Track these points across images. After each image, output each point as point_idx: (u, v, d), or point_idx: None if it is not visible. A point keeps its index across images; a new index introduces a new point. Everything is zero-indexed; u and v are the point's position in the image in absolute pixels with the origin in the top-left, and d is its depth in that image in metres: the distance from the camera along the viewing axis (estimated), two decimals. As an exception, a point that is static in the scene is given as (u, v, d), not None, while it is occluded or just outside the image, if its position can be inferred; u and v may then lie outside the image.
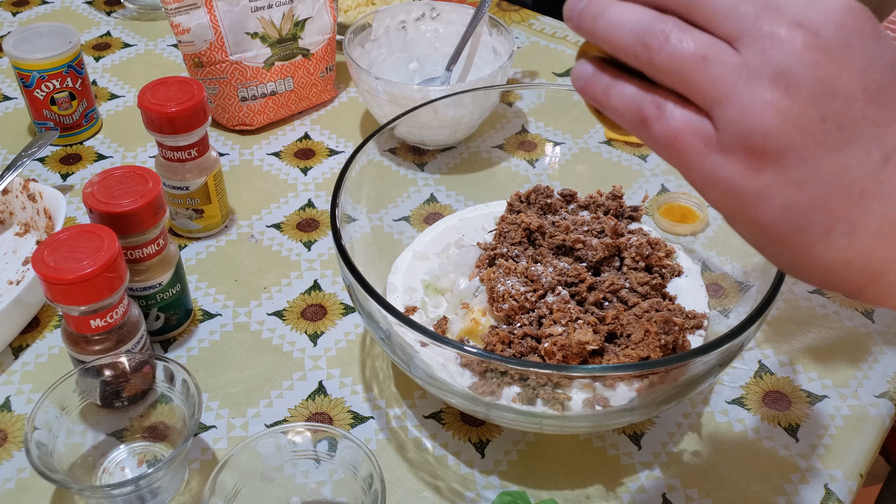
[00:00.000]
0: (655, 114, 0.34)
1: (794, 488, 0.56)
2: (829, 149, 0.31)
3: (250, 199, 0.80)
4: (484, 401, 0.52)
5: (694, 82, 0.33)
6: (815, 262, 0.33)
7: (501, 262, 0.60)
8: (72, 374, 0.55)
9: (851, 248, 0.32)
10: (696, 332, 0.59)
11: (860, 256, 0.33)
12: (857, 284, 0.34)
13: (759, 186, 0.32)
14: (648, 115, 0.34)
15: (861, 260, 0.33)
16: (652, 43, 0.33)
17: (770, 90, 0.31)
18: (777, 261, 0.35)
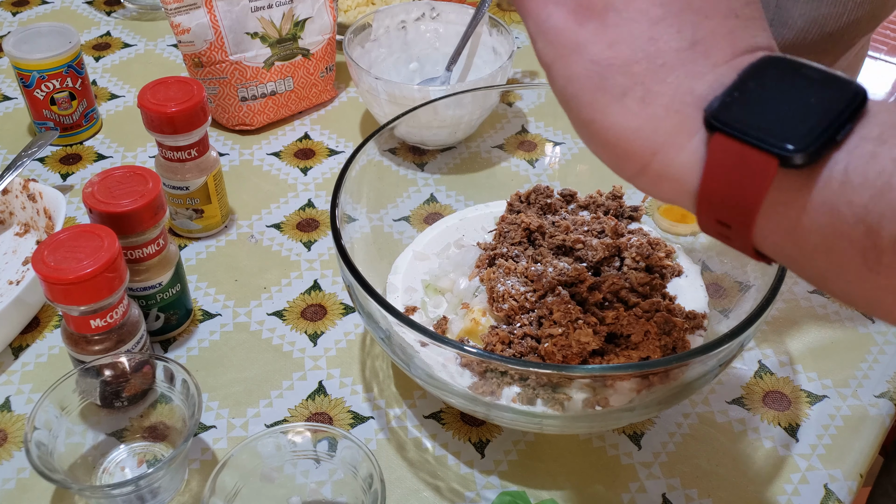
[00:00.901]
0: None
1: (794, 488, 0.56)
2: (644, 18, 0.34)
3: (250, 199, 0.80)
4: (484, 401, 0.52)
5: None
6: (608, 124, 0.35)
7: (501, 262, 0.60)
8: (72, 374, 0.55)
9: (642, 114, 0.34)
10: (696, 332, 0.59)
11: (648, 126, 0.34)
12: (639, 160, 0.35)
13: (578, 39, 0.35)
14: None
15: (647, 130, 0.34)
16: None
17: None
18: (576, 119, 0.36)
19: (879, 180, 0.29)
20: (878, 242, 0.29)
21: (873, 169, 0.29)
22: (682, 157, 0.34)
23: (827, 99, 0.31)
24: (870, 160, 0.29)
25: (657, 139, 0.34)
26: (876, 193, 0.29)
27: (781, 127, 0.31)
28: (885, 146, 0.29)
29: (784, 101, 0.32)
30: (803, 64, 0.33)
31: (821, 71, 0.32)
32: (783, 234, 0.32)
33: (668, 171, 0.35)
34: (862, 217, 0.29)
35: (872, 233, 0.29)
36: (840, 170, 0.30)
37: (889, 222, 0.29)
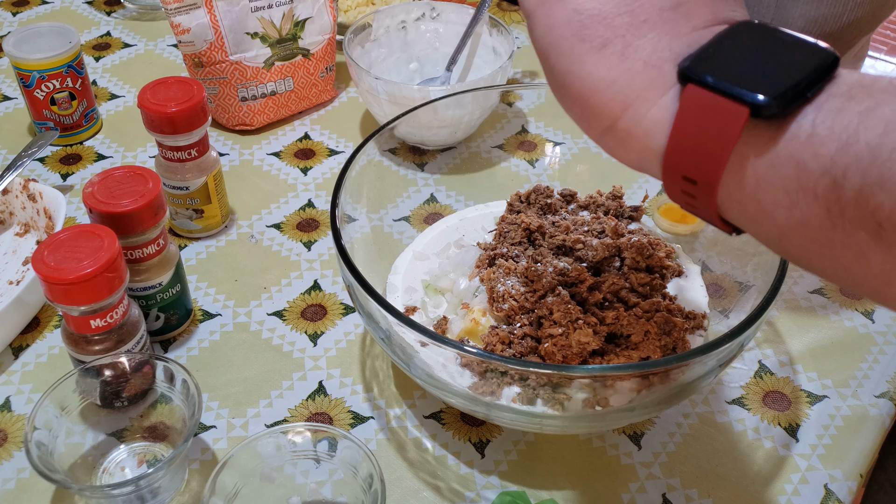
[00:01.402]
0: None
1: (794, 488, 0.56)
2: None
3: (250, 199, 0.80)
4: (484, 401, 0.52)
5: None
6: (584, 74, 0.35)
7: (501, 262, 0.60)
8: (72, 374, 0.55)
9: (619, 67, 0.34)
10: (696, 332, 0.59)
11: (623, 78, 0.34)
12: (609, 114, 0.35)
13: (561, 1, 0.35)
14: None
15: (622, 84, 0.35)
16: None
17: None
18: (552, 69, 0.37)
19: (845, 133, 0.30)
20: (842, 195, 0.30)
21: (840, 122, 0.30)
22: (652, 113, 0.34)
23: (799, 58, 0.32)
24: (837, 114, 0.30)
25: (630, 93, 0.35)
26: (842, 146, 0.29)
27: (754, 80, 0.32)
28: (852, 101, 0.30)
29: (757, 58, 0.33)
30: (777, 29, 0.34)
31: (794, 35, 0.33)
32: (748, 190, 0.32)
33: (637, 128, 0.35)
34: (827, 169, 0.30)
35: (837, 185, 0.30)
36: (808, 123, 0.31)
37: (853, 173, 0.29)
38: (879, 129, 0.29)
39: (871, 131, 0.29)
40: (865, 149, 0.29)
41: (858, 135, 0.29)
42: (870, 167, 0.29)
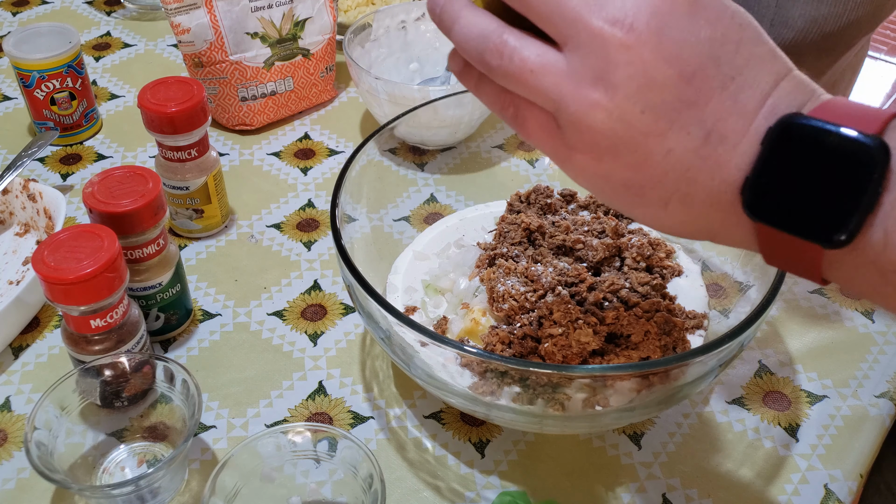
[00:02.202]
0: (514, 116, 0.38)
1: (794, 488, 0.56)
2: (652, 137, 0.34)
3: (250, 199, 0.80)
4: (484, 401, 0.52)
5: (531, 92, 0.36)
6: (662, 224, 0.38)
7: (501, 262, 0.60)
8: (72, 374, 0.55)
9: (689, 214, 0.36)
10: (696, 332, 0.59)
11: (698, 221, 0.37)
12: (704, 236, 0.38)
13: (602, 171, 0.36)
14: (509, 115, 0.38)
15: (699, 224, 0.37)
16: (490, 61, 0.36)
17: (593, 93, 0.34)
18: (635, 219, 0.39)
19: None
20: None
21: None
22: (739, 234, 0.36)
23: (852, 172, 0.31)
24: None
25: (711, 228, 0.37)
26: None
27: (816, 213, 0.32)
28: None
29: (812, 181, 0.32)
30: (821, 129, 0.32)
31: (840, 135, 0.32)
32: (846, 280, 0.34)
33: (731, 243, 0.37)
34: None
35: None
36: (879, 236, 0.31)
37: None
38: None
39: None
40: None
41: None
42: None
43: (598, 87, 0.34)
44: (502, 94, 0.38)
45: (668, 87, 0.34)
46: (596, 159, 0.36)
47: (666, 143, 0.34)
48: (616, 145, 0.35)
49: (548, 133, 0.37)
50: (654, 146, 0.35)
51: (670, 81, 0.33)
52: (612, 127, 0.35)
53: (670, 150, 0.34)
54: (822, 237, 0.32)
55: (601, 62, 0.34)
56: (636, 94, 0.34)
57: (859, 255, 0.32)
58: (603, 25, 0.33)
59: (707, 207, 0.36)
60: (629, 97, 0.34)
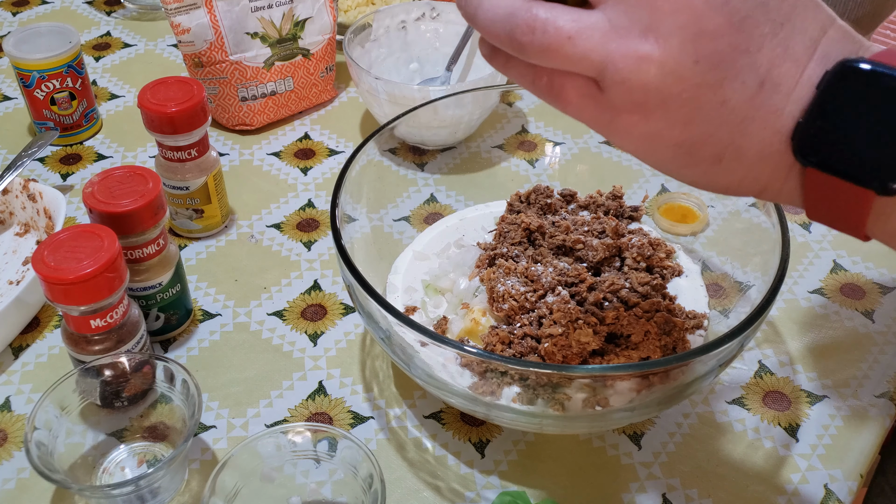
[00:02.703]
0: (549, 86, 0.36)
1: (794, 488, 0.56)
2: (706, 88, 0.33)
3: (250, 199, 0.80)
4: (484, 401, 0.52)
5: (571, 60, 0.34)
6: (714, 182, 0.37)
7: (501, 262, 0.60)
8: (72, 374, 0.55)
9: (740, 169, 0.35)
10: (696, 332, 0.59)
11: (749, 176, 0.36)
12: (753, 192, 0.37)
13: (651, 131, 0.35)
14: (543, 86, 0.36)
15: (749, 179, 0.36)
16: (522, 39, 0.35)
17: (643, 45, 0.33)
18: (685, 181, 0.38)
19: None
20: None
21: None
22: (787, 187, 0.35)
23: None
24: None
25: (760, 182, 0.36)
26: None
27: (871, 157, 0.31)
28: None
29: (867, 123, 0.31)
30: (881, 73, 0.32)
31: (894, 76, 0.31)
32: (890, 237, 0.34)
33: (778, 198, 0.37)
34: None
35: None
36: None
37: None
38: None
39: None
40: None
41: None
42: None
43: (648, 39, 0.33)
44: (534, 68, 0.37)
45: (720, 34, 0.33)
46: (644, 118, 0.35)
47: (721, 93, 0.33)
48: (666, 100, 0.34)
49: (590, 99, 0.36)
50: (708, 97, 0.33)
51: (722, 29, 0.33)
52: (665, 80, 0.33)
53: (725, 100, 0.34)
54: (876, 183, 0.31)
55: (648, 12, 0.33)
56: (688, 44, 0.33)
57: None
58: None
59: (758, 159, 0.35)
60: (682, 47, 0.33)
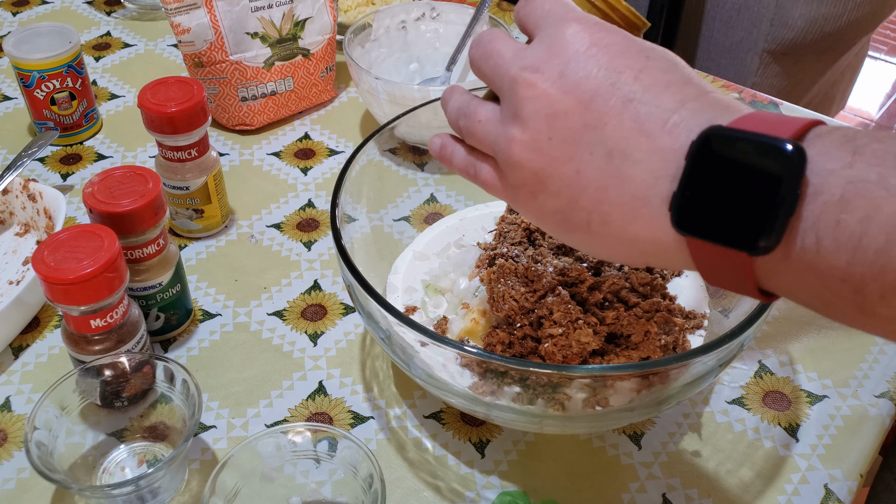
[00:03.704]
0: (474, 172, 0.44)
1: (794, 488, 0.56)
2: (562, 161, 0.38)
3: (250, 199, 0.80)
4: (484, 401, 0.52)
5: (480, 141, 0.42)
6: (595, 249, 0.40)
7: (501, 262, 0.60)
8: (72, 374, 0.55)
9: (612, 234, 0.38)
10: (696, 332, 0.59)
11: (623, 239, 0.38)
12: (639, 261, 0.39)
13: (538, 204, 0.40)
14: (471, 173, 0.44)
15: (626, 243, 0.38)
16: (459, 122, 0.44)
17: (512, 129, 0.39)
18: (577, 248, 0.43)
19: (851, 243, 0.30)
20: (867, 298, 0.31)
21: (843, 233, 0.30)
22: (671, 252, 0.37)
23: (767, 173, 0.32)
24: (837, 227, 0.30)
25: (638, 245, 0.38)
26: (852, 257, 0.30)
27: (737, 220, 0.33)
28: (847, 211, 0.30)
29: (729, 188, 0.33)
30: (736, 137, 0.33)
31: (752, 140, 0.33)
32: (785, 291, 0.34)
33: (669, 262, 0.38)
34: (845, 278, 0.31)
35: (859, 291, 0.31)
36: (812, 240, 0.31)
37: (871, 281, 0.30)
38: (882, 239, 0.29)
39: (875, 240, 0.29)
40: (875, 257, 0.29)
41: (864, 244, 0.30)
42: (884, 274, 0.29)
43: (515, 124, 0.39)
44: (467, 158, 0.44)
45: (570, 113, 0.37)
46: (531, 193, 0.40)
47: (574, 164, 0.38)
48: (538, 175, 0.39)
49: (496, 178, 0.42)
50: (566, 169, 0.38)
51: (571, 108, 0.37)
52: (530, 157, 0.39)
53: (579, 170, 0.38)
54: (745, 244, 0.32)
55: (515, 102, 0.39)
56: (543, 124, 0.38)
57: (795, 263, 0.32)
58: (517, 72, 0.39)
59: (625, 222, 0.37)
60: (537, 127, 0.38)
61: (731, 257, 0.33)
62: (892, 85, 2.64)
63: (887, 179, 0.29)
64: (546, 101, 0.38)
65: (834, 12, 1.00)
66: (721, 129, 0.34)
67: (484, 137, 0.42)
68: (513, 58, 0.40)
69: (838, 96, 1.38)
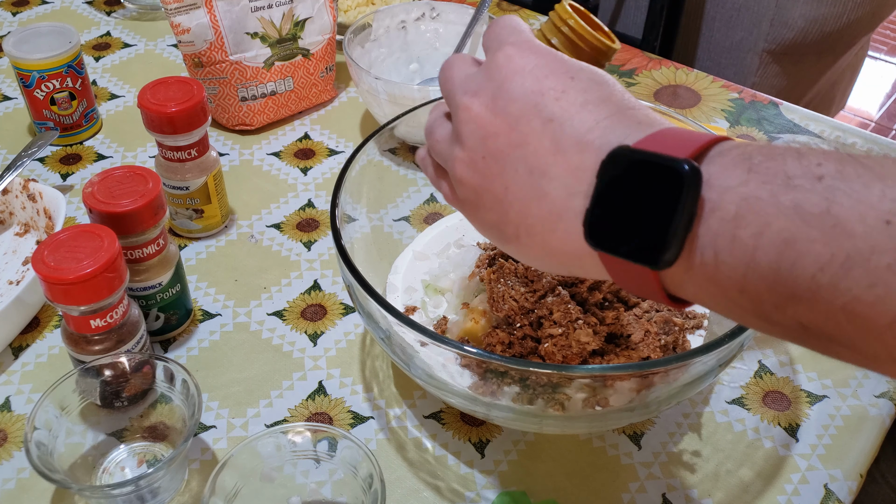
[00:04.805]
0: (438, 186, 0.47)
1: (794, 488, 0.56)
2: (493, 177, 0.41)
3: (250, 199, 0.80)
4: (484, 401, 0.52)
5: (438, 158, 0.46)
6: (528, 259, 0.42)
7: (501, 262, 0.60)
8: (72, 374, 0.55)
9: (538, 245, 0.40)
10: (696, 332, 0.59)
11: (548, 249, 0.40)
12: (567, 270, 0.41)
13: (479, 218, 0.43)
14: (437, 186, 0.48)
15: (550, 252, 0.40)
16: (427, 138, 0.47)
17: (455, 149, 0.43)
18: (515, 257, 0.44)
19: (745, 257, 0.32)
20: (764, 308, 0.32)
21: (738, 248, 0.32)
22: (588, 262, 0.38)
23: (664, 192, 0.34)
24: (733, 242, 0.32)
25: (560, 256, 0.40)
26: (747, 270, 0.32)
27: (639, 237, 0.35)
28: (742, 227, 0.32)
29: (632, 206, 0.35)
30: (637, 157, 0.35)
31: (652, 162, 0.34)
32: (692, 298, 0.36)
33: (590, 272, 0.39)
34: (743, 289, 0.32)
35: (757, 302, 0.32)
36: (710, 255, 0.33)
37: (766, 292, 0.32)
38: (773, 254, 0.31)
39: (767, 255, 0.31)
40: (767, 270, 0.31)
41: (757, 258, 0.31)
42: (776, 286, 0.31)
43: (458, 144, 0.42)
44: (434, 172, 0.47)
45: (499, 134, 0.40)
46: (473, 207, 0.43)
47: (502, 181, 0.40)
48: (476, 191, 0.42)
49: (451, 193, 0.45)
50: (496, 186, 0.41)
51: (500, 130, 0.40)
52: (469, 175, 0.42)
53: (507, 186, 0.40)
54: (649, 260, 0.34)
55: (458, 123, 0.42)
56: (478, 144, 0.41)
57: (697, 275, 0.34)
58: (461, 96, 0.42)
59: (548, 234, 0.39)
60: (474, 147, 0.41)
61: (639, 270, 0.35)
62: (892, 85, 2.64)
63: (777, 197, 0.31)
64: (480, 123, 0.41)
65: (834, 12, 1.00)
66: (625, 150, 0.35)
67: (438, 155, 0.45)
68: (460, 83, 0.43)
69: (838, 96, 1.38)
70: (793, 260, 0.30)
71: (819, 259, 0.30)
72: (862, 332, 0.30)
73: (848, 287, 0.29)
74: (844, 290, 0.29)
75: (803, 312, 0.31)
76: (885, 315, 0.29)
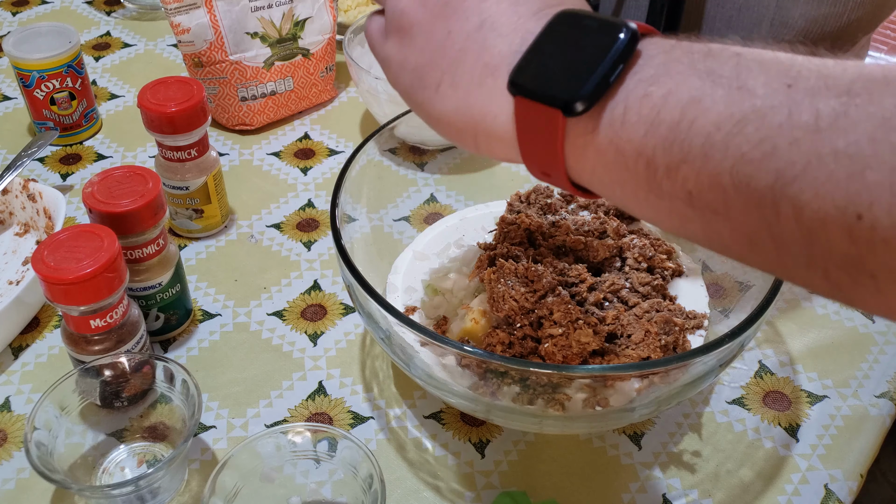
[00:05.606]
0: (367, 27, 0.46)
1: (794, 488, 0.56)
2: (439, 19, 0.40)
3: (250, 199, 0.80)
4: (484, 401, 0.52)
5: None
6: (435, 111, 0.41)
7: (501, 262, 0.59)
8: (72, 374, 0.55)
9: (455, 97, 0.39)
10: (696, 332, 0.59)
11: (462, 105, 0.39)
12: (469, 133, 0.40)
13: (402, 57, 0.42)
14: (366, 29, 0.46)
15: (464, 108, 0.39)
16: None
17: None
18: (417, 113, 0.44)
19: (650, 115, 0.32)
20: (656, 172, 0.32)
21: (646, 106, 0.32)
22: (500, 122, 0.38)
23: (599, 45, 0.34)
24: (643, 99, 0.32)
25: (474, 113, 0.39)
26: (649, 129, 0.32)
27: (561, 80, 0.35)
28: (656, 85, 0.32)
29: (564, 54, 0.35)
30: (586, 15, 0.36)
31: (599, 19, 0.35)
32: (589, 173, 0.36)
33: (494, 136, 0.39)
34: (640, 151, 0.33)
35: (650, 164, 0.32)
36: (619, 112, 0.33)
37: (661, 152, 0.32)
38: (677, 112, 0.31)
39: (671, 113, 0.31)
40: (667, 130, 0.31)
41: (661, 117, 0.32)
42: (672, 146, 0.31)
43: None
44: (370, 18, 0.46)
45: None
46: (399, 44, 0.42)
47: (448, 24, 0.40)
48: (413, 26, 0.41)
49: (379, 28, 0.45)
50: (440, 27, 0.40)
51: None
52: (414, 8, 0.41)
53: (450, 31, 0.40)
54: (563, 104, 0.34)
55: None
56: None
57: (601, 137, 0.34)
58: None
59: (471, 89, 0.39)
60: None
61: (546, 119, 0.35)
62: (892, 85, 2.64)
63: (695, 64, 0.32)
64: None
65: (834, 12, 1.00)
66: (575, 10, 0.36)
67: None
68: None
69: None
70: (693, 118, 0.31)
71: (718, 117, 0.30)
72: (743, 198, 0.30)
73: (738, 145, 0.30)
74: (734, 148, 0.30)
75: (692, 176, 0.31)
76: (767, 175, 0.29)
